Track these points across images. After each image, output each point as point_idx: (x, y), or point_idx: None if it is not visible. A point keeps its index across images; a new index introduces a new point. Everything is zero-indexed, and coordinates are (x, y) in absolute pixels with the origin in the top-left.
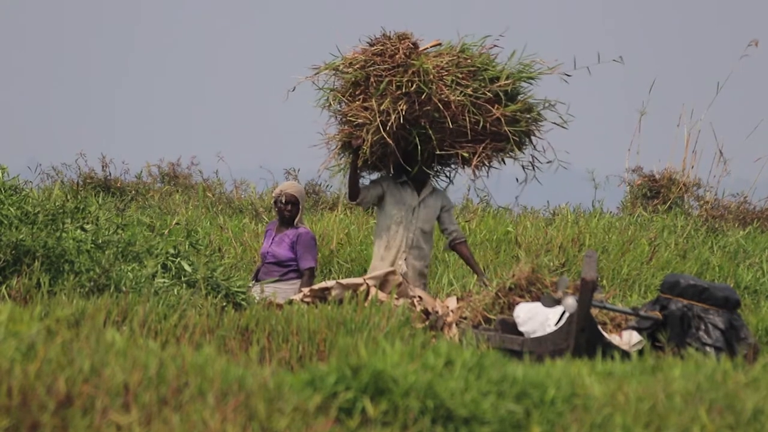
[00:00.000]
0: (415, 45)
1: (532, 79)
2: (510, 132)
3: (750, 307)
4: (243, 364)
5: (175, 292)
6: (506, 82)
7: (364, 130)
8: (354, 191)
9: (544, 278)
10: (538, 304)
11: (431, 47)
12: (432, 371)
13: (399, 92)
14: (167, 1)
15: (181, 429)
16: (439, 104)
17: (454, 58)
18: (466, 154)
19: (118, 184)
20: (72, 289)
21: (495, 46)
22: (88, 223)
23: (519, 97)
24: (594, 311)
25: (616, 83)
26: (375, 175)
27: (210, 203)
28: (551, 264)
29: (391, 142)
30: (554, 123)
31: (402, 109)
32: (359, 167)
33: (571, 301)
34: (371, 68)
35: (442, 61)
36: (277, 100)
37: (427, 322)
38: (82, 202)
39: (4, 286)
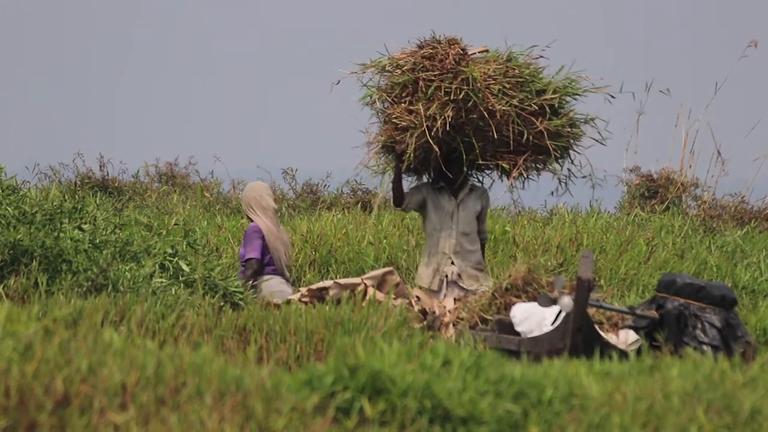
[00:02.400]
0: (464, 51)
1: (578, 95)
2: (551, 146)
3: (748, 307)
4: (241, 364)
5: (173, 292)
6: (553, 96)
7: (408, 133)
8: (399, 197)
9: (540, 278)
10: (534, 304)
11: (479, 53)
12: (430, 371)
13: (447, 98)
14: (166, 1)
15: (178, 429)
16: (485, 113)
17: (502, 66)
18: (506, 166)
19: (116, 184)
20: (70, 288)
21: (540, 57)
22: (85, 223)
23: (562, 111)
24: (591, 310)
25: (615, 83)
26: (411, 179)
27: (208, 203)
28: (549, 264)
29: (435, 147)
30: (593, 139)
31: (449, 116)
32: (404, 169)
33: (567, 301)
34: (420, 72)
35: (489, 69)
36: (276, 100)
37: (424, 323)
38: (79, 201)
39: (1, 286)
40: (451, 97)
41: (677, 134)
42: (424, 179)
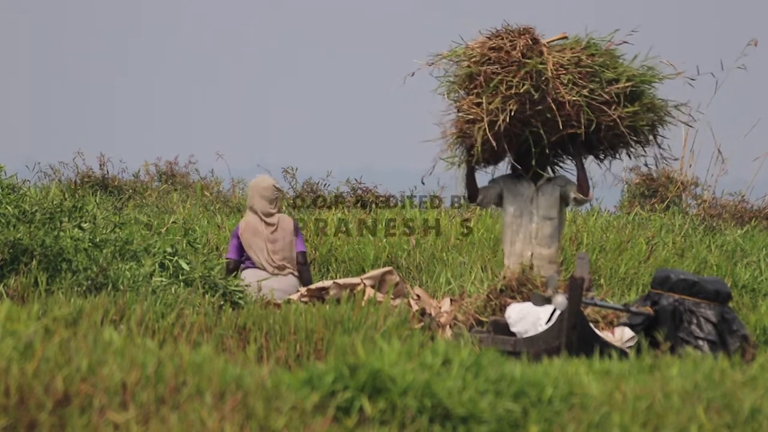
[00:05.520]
0: (535, 41)
1: (653, 82)
2: (627, 132)
3: (748, 306)
4: (241, 363)
5: (173, 291)
6: (625, 84)
7: (476, 127)
8: (473, 192)
9: (534, 279)
10: (529, 304)
11: (557, 40)
12: (430, 370)
13: (510, 92)
14: (166, 0)
15: (178, 428)
16: (553, 105)
17: (577, 55)
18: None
19: (116, 183)
20: (69, 287)
21: (624, 42)
22: (85, 222)
23: (642, 98)
24: (587, 309)
25: None
26: (489, 170)
27: (207, 202)
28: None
29: (494, 143)
30: (682, 122)
31: (512, 110)
32: (473, 162)
33: (561, 299)
34: (485, 64)
35: (563, 57)
36: (275, 99)
37: (421, 324)
38: (79, 200)
39: (1, 285)
40: (514, 91)
41: (677, 133)
42: (500, 168)
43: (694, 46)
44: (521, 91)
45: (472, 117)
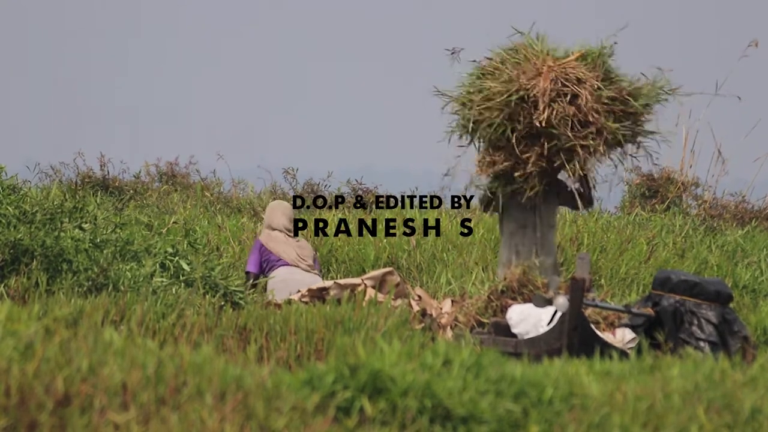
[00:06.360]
0: (595, 86)
1: (660, 103)
2: (632, 150)
3: (749, 307)
4: (241, 364)
5: (174, 292)
6: (647, 115)
7: (533, 177)
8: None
9: (535, 279)
10: (530, 305)
11: (575, 59)
12: (430, 371)
13: (585, 153)
14: (166, 0)
15: (179, 428)
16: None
17: (606, 83)
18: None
19: (117, 184)
20: (70, 288)
21: (615, 43)
22: (86, 223)
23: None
24: (587, 310)
25: None
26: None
27: (208, 202)
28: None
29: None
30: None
31: (582, 168)
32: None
33: (562, 300)
34: (562, 124)
35: (594, 86)
36: (275, 99)
37: (422, 324)
38: (80, 201)
39: (2, 285)
40: (590, 153)
41: (677, 133)
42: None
43: (693, 45)
44: (602, 152)
45: (534, 170)
